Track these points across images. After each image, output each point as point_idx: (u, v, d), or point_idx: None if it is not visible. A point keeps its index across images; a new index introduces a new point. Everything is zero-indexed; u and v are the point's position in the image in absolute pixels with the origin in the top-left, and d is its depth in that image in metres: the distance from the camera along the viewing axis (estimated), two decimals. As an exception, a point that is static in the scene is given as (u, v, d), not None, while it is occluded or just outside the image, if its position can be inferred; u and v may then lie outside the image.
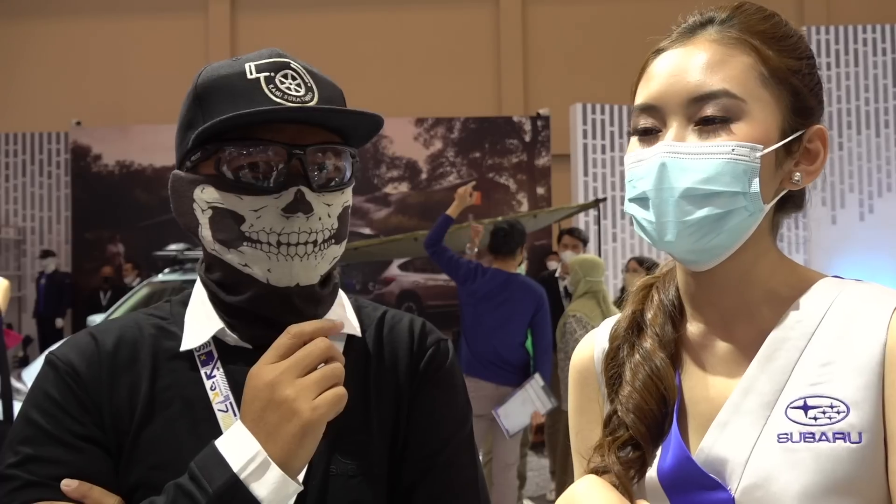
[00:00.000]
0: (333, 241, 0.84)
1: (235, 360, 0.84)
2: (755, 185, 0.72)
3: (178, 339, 0.86)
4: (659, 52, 0.78)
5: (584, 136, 8.16)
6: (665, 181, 0.74)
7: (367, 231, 8.95)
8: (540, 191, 9.21)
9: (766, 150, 0.73)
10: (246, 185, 0.79)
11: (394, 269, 8.96)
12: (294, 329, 0.75)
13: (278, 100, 0.79)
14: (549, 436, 4.84)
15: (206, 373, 0.83)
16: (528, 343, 3.92)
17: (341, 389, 0.73)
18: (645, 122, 0.77)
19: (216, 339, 0.85)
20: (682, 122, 0.75)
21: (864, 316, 0.72)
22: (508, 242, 3.88)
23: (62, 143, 9.71)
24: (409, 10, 10.38)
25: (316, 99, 0.82)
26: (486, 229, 4.22)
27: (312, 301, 0.85)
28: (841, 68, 8.14)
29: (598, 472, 0.79)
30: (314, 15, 10.31)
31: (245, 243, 0.80)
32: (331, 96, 0.85)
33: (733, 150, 0.72)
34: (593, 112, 8.21)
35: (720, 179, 0.72)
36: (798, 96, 0.76)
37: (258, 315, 0.83)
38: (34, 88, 10.25)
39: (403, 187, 9.23)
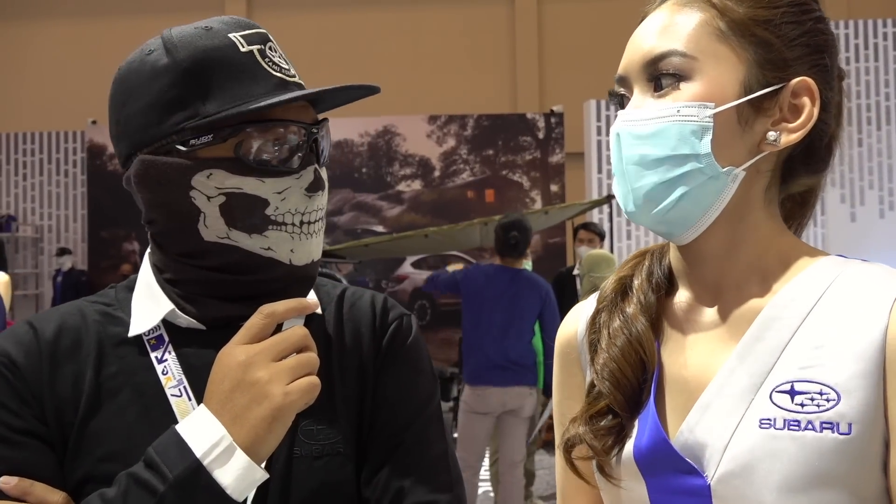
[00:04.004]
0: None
1: (188, 342, 0.81)
2: (706, 146, 0.68)
3: (125, 324, 0.82)
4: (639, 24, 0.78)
5: (598, 133, 8.10)
6: (621, 150, 0.73)
7: (379, 228, 8.92)
8: (554, 188, 9.14)
9: (721, 108, 0.69)
10: (268, 167, 0.77)
11: (407, 267, 8.94)
12: (267, 309, 0.73)
13: (277, 74, 0.79)
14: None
15: (156, 357, 0.80)
16: (535, 339, 3.90)
17: (315, 379, 0.71)
18: (620, 91, 0.77)
19: (166, 322, 0.82)
20: (643, 88, 0.74)
21: (865, 298, 0.66)
22: (518, 247, 3.86)
23: (78, 142, 9.77)
24: (424, 8, 10.35)
25: (292, 70, 0.83)
26: (491, 226, 4.22)
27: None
28: (861, 63, 8.01)
29: (572, 442, 0.76)
30: (330, 13, 10.30)
31: (270, 226, 0.78)
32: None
33: (679, 111, 0.69)
34: (607, 109, 8.15)
35: (667, 143, 0.69)
36: (768, 47, 0.70)
37: (267, 292, 0.79)
38: (50, 87, 10.33)
39: (416, 185, 9.19)
